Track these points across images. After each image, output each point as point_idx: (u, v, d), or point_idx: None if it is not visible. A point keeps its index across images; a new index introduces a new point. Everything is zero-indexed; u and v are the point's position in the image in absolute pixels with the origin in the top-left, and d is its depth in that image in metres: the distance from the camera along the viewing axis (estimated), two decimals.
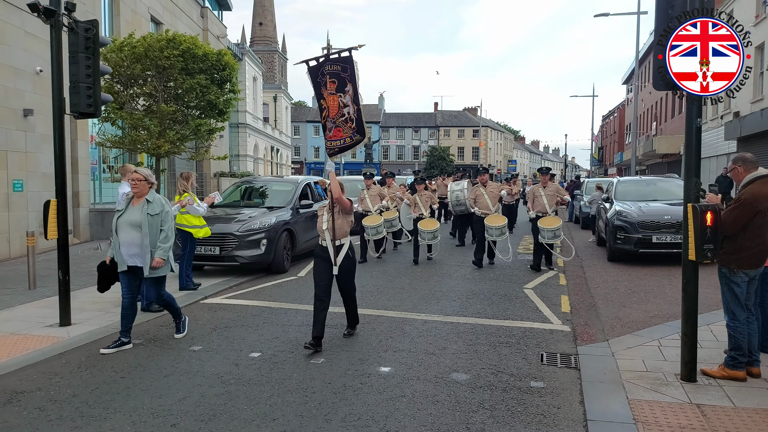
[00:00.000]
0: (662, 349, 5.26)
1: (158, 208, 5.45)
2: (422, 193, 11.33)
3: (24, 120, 13.91)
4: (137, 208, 5.43)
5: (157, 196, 5.57)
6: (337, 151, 5.70)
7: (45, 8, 6.20)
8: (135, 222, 5.36)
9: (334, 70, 5.53)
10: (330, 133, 5.62)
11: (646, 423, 3.75)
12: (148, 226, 5.34)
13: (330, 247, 5.46)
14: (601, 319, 6.62)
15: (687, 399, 4.14)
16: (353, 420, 3.89)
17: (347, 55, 5.52)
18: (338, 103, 5.55)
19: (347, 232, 5.57)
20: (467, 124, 72.86)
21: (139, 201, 5.48)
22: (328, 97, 5.55)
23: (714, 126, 24.18)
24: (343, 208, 5.47)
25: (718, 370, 4.55)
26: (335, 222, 5.46)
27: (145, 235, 5.32)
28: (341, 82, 5.51)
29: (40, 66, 14.41)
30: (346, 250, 5.53)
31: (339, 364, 4.90)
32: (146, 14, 21.90)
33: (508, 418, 3.95)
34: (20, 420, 3.93)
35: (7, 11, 13.28)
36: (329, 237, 5.45)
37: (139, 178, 5.48)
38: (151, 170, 7.38)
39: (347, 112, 5.54)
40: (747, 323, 4.50)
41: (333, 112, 5.56)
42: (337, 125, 5.58)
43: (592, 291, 8.22)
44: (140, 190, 5.47)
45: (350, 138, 5.61)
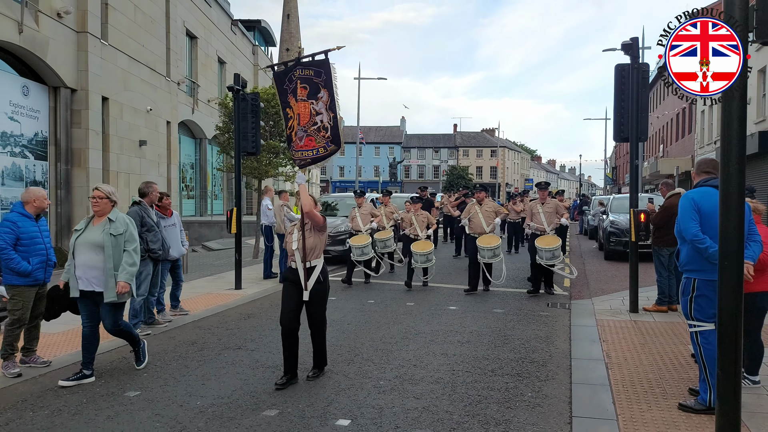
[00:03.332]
0: (623, 301, 8.42)
1: (122, 227, 4.96)
2: (419, 213, 10.59)
3: (139, 149, 17.61)
4: (98, 228, 4.93)
5: (121, 214, 5.08)
6: (309, 162, 5.18)
7: (230, 86, 9.67)
8: (95, 242, 4.86)
9: (305, 75, 5.03)
10: (300, 143, 5.10)
11: (602, 325, 6.95)
12: (111, 248, 4.86)
13: (300, 269, 4.90)
14: (590, 289, 9.82)
15: (629, 318, 7.34)
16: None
17: (322, 59, 4.99)
18: (309, 110, 5.02)
19: (320, 252, 5.03)
20: (485, 145, 76.21)
21: (100, 220, 4.99)
22: (297, 105, 5.08)
23: (709, 150, 27.16)
24: (316, 225, 4.96)
25: (651, 306, 7.74)
26: (306, 240, 4.93)
27: (109, 257, 4.84)
28: (314, 87, 5.00)
29: (150, 106, 18.18)
30: (318, 273, 4.95)
31: (291, 418, 4.14)
32: (214, 56, 25.82)
33: (525, 324, 7.17)
34: (220, 333, 7.18)
35: (131, 64, 17.05)
36: (299, 258, 4.92)
37: (100, 195, 4.98)
38: (253, 188, 10.12)
39: (320, 120, 5.02)
40: (668, 279, 7.69)
41: (304, 120, 5.06)
42: (309, 134, 5.06)
43: (588, 276, 11.39)
44: (101, 208, 4.98)
45: (324, 148, 5.06)
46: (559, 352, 5.99)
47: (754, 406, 4.27)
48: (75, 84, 14.47)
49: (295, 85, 5.07)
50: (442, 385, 4.93)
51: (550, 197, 10.04)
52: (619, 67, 7.82)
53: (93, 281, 4.88)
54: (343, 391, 4.76)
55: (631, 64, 7.71)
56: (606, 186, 63.86)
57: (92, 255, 4.85)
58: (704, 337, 4.20)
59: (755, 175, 20.47)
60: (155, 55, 18.87)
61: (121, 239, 4.93)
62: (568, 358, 5.73)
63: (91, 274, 4.86)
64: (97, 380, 5.05)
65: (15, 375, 5.07)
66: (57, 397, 4.67)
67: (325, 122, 5.01)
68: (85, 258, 4.87)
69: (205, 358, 5.74)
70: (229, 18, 28.37)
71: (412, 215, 10.60)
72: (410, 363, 5.57)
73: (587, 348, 6.01)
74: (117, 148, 16.26)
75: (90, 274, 4.86)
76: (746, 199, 4.75)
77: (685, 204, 4.49)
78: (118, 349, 5.98)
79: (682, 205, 4.52)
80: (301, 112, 5.07)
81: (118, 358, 5.76)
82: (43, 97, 14.05)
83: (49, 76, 13.88)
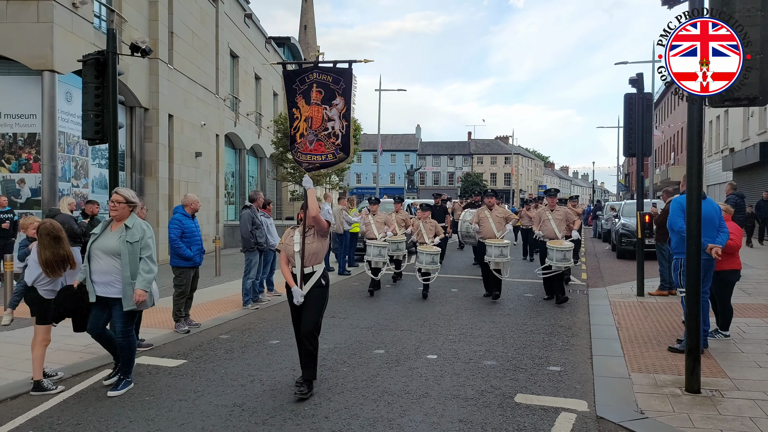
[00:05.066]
0: (632, 288, 10.13)
1: (138, 234, 4.82)
2: (427, 221, 10.27)
3: (195, 160, 19.63)
4: (114, 234, 4.82)
5: (138, 220, 4.93)
6: (317, 167, 5.15)
7: None
8: (111, 250, 4.76)
9: (323, 79, 5.02)
10: (310, 146, 5.06)
11: (614, 304, 8.69)
12: (128, 255, 4.74)
13: (299, 274, 4.82)
14: (604, 280, 11.56)
15: (636, 300, 9.08)
16: None
17: (345, 68, 5.02)
18: (322, 115, 5.00)
19: (322, 258, 4.94)
20: (499, 152, 77.82)
21: (117, 226, 4.86)
22: (310, 108, 5.04)
23: (716, 159, 28.69)
24: (320, 230, 4.87)
25: (655, 291, 9.48)
26: (308, 245, 4.84)
27: (125, 266, 4.73)
28: (329, 93, 5.00)
29: (203, 121, 20.23)
30: (317, 278, 4.85)
31: (395, 354, 4.26)
32: (252, 73, 27.92)
33: (551, 305, 8.92)
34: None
35: (190, 85, 19.10)
36: (299, 262, 4.81)
37: (118, 200, 4.84)
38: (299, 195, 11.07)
39: (332, 126, 4.99)
40: (668, 269, 9.42)
41: (316, 124, 5.03)
42: (319, 139, 5.03)
43: (602, 271, 13.11)
44: (119, 213, 4.84)
45: (333, 155, 5.05)
46: (580, 321, 7.77)
47: (725, 350, 6.00)
48: (147, 104, 16.51)
49: (308, 88, 5.06)
50: (496, 338, 6.75)
51: (560, 204, 9.97)
52: (627, 96, 9.59)
53: (108, 287, 4.79)
54: (425, 341, 6.62)
55: (636, 94, 9.48)
56: (619, 192, 65.23)
57: (108, 261, 4.77)
58: (683, 300, 5.96)
59: (757, 182, 22.04)
60: (207, 75, 20.93)
61: (137, 246, 4.81)
62: (587, 324, 7.50)
63: (106, 279, 4.78)
64: (244, 333, 6.93)
65: (185, 332, 6.97)
66: (219, 344, 6.57)
67: (337, 129, 5.03)
68: (100, 264, 4.78)
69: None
70: (264, 36, 30.49)
71: (420, 222, 10.35)
72: (468, 326, 7.39)
73: (602, 318, 7.78)
74: (179, 160, 18.28)
75: (104, 279, 4.78)
76: (719, 203, 6.56)
77: (674, 206, 6.26)
78: (247, 316, 7.86)
79: (672, 207, 6.30)
80: (313, 116, 5.06)
81: (251, 321, 7.63)
82: (121, 115, 16.08)
83: (128, 97, 15.91)
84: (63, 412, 4.46)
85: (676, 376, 5.13)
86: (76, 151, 13.85)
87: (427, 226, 10.26)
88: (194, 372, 5.48)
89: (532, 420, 4.27)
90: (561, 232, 9.34)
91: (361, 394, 4.81)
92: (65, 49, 12.40)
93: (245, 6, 26.43)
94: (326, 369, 5.53)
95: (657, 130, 36.44)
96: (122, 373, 4.98)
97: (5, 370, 5.46)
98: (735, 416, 4.23)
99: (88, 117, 6.79)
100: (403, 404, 4.58)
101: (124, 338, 4.89)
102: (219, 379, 5.26)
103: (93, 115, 6.75)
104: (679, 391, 4.79)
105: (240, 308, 8.49)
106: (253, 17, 27.72)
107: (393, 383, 5.11)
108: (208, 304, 8.85)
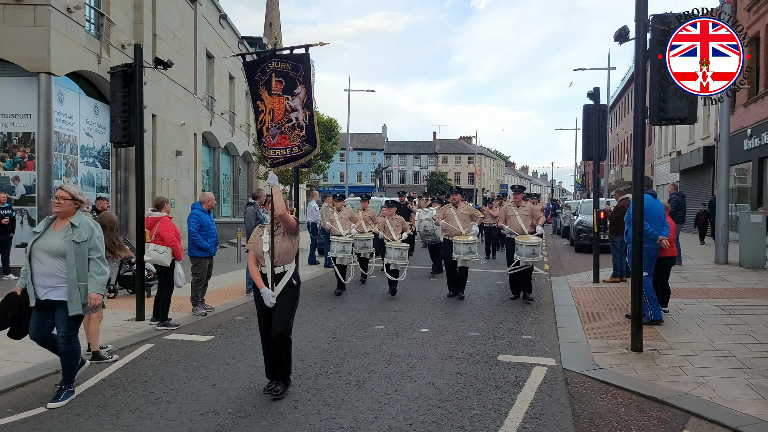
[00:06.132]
0: (588, 276, 11.48)
1: (86, 233, 4.49)
2: (393, 217, 10.34)
3: (175, 158, 20.17)
4: (59, 233, 4.46)
5: (85, 219, 4.61)
6: (282, 162, 4.86)
7: None
8: (54, 250, 4.41)
9: (282, 68, 4.73)
10: (273, 140, 4.80)
11: (574, 289, 9.98)
12: (74, 256, 4.40)
13: (269, 274, 4.67)
14: (564, 270, 12.91)
15: (592, 286, 10.41)
16: None
17: (302, 53, 4.75)
18: (284, 106, 4.74)
19: (292, 257, 4.78)
20: (463, 152, 79.84)
21: (62, 224, 4.52)
22: (271, 99, 4.76)
23: (665, 161, 30.87)
24: (289, 228, 4.70)
25: (608, 278, 10.85)
26: (277, 245, 4.67)
27: (72, 267, 4.39)
28: (290, 82, 4.73)
29: (183, 120, 20.77)
30: (288, 279, 4.70)
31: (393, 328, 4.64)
32: (226, 73, 28.44)
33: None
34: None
35: (171, 85, 19.64)
36: (269, 262, 4.66)
37: (63, 196, 4.50)
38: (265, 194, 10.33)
39: (296, 117, 4.73)
40: (620, 259, 10.78)
41: (278, 116, 4.75)
42: (283, 132, 4.77)
43: (562, 263, 14.51)
44: (64, 210, 4.49)
45: (298, 147, 4.78)
46: (545, 302, 9.00)
47: (665, 323, 7.27)
48: None
49: (269, 78, 4.76)
50: (476, 316, 7.89)
51: (525, 201, 9.96)
52: (586, 107, 10.92)
53: (51, 290, 4.43)
54: (417, 319, 7.73)
55: (593, 106, 10.81)
56: (576, 191, 68.12)
57: (51, 262, 4.41)
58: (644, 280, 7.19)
59: (702, 183, 24.09)
60: (186, 76, 21.45)
61: (85, 246, 4.46)
62: (552, 305, 8.74)
63: (50, 282, 4.42)
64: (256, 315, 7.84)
65: (202, 315, 7.83)
66: (237, 323, 7.48)
67: (301, 120, 4.74)
68: (42, 265, 4.42)
69: (322, 301, 8.57)
70: (237, 36, 30.98)
71: (386, 219, 10.30)
72: (451, 308, 8.52)
73: (564, 300, 9.04)
74: (161, 158, 18.81)
75: (48, 282, 4.42)
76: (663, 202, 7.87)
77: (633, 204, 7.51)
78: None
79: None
80: (275, 108, 4.76)
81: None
82: (107, 115, 16.55)
83: None
84: (126, 374, 5.32)
85: (624, 341, 6.35)
86: (67, 149, 14.32)
87: (394, 222, 10.30)
88: (225, 344, 6.40)
89: (514, 371, 5.40)
90: (527, 227, 9.38)
91: (373, 357, 5.85)
92: (61, 52, 12.92)
93: (220, 7, 26.94)
94: (338, 340, 6.54)
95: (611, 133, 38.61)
96: (64, 382, 4.60)
97: None
98: (668, 366, 5.46)
99: (116, 123, 7.58)
100: (409, 363, 5.64)
101: (67, 344, 4.51)
102: (249, 349, 6.19)
103: (121, 121, 7.54)
104: (626, 350, 6.01)
105: (244, 295, 9.37)
106: (228, 18, 28.25)
107: (397, 349, 6.16)
108: (213, 292, 9.68)
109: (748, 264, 12.19)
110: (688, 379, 5.03)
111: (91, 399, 4.69)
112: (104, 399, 4.69)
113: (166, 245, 7.20)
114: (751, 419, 4.16)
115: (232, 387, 4.96)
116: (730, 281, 10.46)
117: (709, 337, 6.45)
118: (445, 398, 4.67)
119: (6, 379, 5.08)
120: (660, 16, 5.62)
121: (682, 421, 4.22)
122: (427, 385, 5.01)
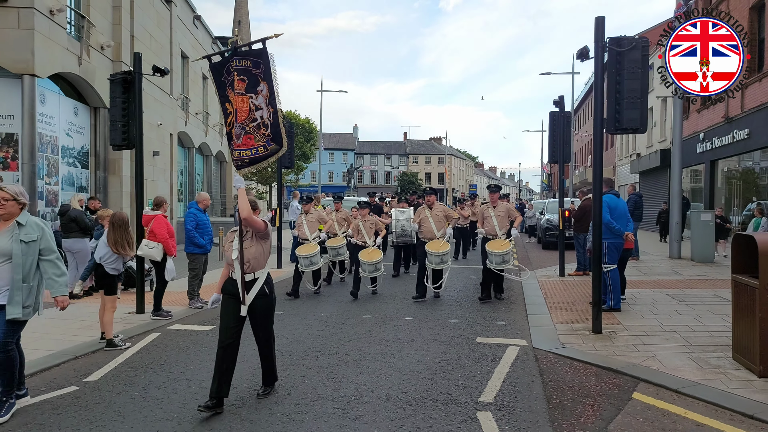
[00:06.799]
0: (554, 270, 12.36)
1: (35, 232, 4.34)
2: (366, 219, 10.07)
3: (152, 158, 20.36)
4: (5, 234, 4.28)
5: (32, 218, 4.42)
6: (248, 163, 4.67)
7: None
8: (1, 251, 4.23)
9: (243, 65, 4.55)
10: (239, 141, 4.62)
11: (541, 282, 10.83)
12: (21, 256, 4.24)
13: (239, 282, 4.51)
14: (532, 265, 13.80)
15: (558, 279, 11.28)
16: None
17: (260, 48, 4.56)
18: (248, 105, 4.57)
19: (264, 263, 4.63)
20: (433, 152, 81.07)
21: (6, 225, 4.34)
22: (235, 99, 4.58)
23: (626, 162, 32.40)
24: (257, 232, 4.54)
25: (573, 272, 11.74)
26: (246, 250, 4.51)
27: (17, 267, 4.22)
28: (252, 80, 4.57)
29: (160, 121, 20.97)
30: (260, 286, 4.58)
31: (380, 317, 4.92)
32: (200, 73, 28.58)
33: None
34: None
35: (148, 86, 19.80)
36: (239, 269, 4.51)
37: (5, 197, 4.29)
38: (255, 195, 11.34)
39: (260, 116, 4.56)
40: (583, 254, 11.69)
41: (242, 116, 4.58)
42: (248, 132, 4.60)
43: (530, 259, 15.42)
44: (7, 212, 4.30)
45: (264, 147, 4.61)
46: (516, 294, 9.81)
47: (622, 309, 8.13)
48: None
49: (232, 78, 4.56)
50: (455, 306, 8.62)
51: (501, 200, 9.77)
52: (552, 114, 11.78)
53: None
54: (401, 309, 8.42)
55: (558, 113, 11.69)
56: (542, 191, 70.15)
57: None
58: (611, 272, 7.95)
59: (659, 183, 25.51)
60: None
61: (34, 246, 4.30)
62: (522, 295, 9.54)
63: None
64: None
65: (198, 307, 8.33)
66: None
67: (265, 118, 4.56)
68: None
69: (309, 294, 9.14)
70: (210, 36, 31.13)
71: (359, 222, 10.02)
72: (431, 299, 9.20)
73: (533, 291, 9.85)
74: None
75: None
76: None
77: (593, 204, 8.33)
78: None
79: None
80: (239, 108, 4.57)
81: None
82: (86, 116, 16.73)
83: (93, 98, 16.59)
84: (142, 358, 5.83)
85: (586, 325, 7.16)
86: (49, 149, 14.47)
87: (367, 224, 10.04)
88: None
89: (491, 350, 6.13)
90: (502, 229, 9.19)
91: (365, 341, 6.49)
92: (44, 54, 13.12)
93: (194, 7, 27.10)
94: (331, 327, 7.16)
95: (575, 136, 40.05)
96: (3, 394, 4.31)
97: (83, 329, 6.69)
98: (623, 344, 6.27)
99: (116, 127, 8.01)
100: (398, 345, 6.31)
101: (3, 352, 4.24)
102: (250, 336, 6.71)
103: (120, 125, 7.98)
104: (588, 332, 6.81)
105: None
106: (202, 19, 28.41)
107: (386, 334, 6.83)
108: (208, 287, 10.11)
109: (698, 258, 13.29)
110: (639, 354, 5.84)
111: (117, 378, 5.20)
112: (129, 378, 5.21)
113: (158, 241, 7.69)
114: (689, 382, 4.97)
115: (241, 367, 5.53)
116: (682, 273, 11.48)
117: (660, 321, 7.32)
118: (432, 372, 5.36)
119: (30, 364, 5.52)
120: (616, 38, 6.46)
121: (633, 385, 5.00)
122: (416, 362, 5.68)
